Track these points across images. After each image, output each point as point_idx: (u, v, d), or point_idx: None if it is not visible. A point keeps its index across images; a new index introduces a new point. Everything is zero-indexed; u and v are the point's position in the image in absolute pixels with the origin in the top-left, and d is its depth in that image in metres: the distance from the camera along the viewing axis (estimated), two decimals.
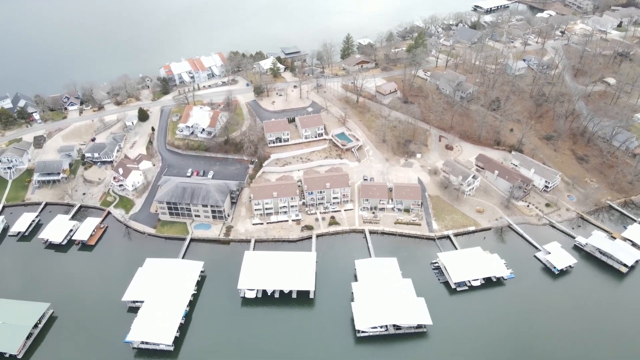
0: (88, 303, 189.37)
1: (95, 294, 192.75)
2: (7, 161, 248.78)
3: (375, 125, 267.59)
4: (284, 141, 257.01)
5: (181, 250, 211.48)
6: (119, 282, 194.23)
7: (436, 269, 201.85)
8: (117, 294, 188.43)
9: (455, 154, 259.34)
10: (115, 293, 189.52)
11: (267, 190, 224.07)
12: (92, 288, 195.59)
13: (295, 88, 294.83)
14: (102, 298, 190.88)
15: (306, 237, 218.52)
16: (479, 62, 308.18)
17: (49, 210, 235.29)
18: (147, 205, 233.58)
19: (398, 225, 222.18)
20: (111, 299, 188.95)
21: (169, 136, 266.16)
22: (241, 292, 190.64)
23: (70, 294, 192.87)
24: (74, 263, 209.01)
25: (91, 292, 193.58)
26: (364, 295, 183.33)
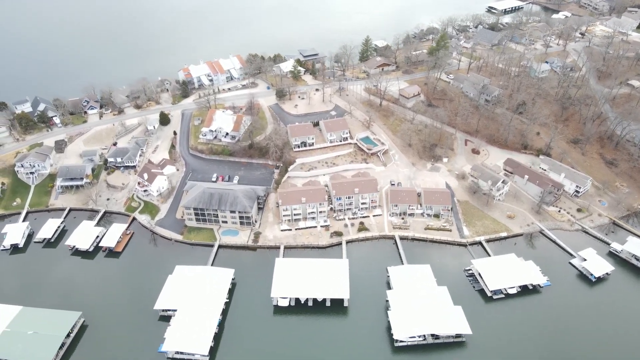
0: (119, 311, 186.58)
1: (126, 302, 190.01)
2: (30, 166, 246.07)
3: (400, 129, 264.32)
4: (309, 145, 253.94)
5: (210, 257, 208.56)
6: (148, 290, 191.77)
7: (470, 276, 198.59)
8: (148, 301, 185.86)
9: (482, 158, 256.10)
10: (146, 301, 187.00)
11: (296, 195, 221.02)
12: (122, 296, 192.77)
13: (317, 91, 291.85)
14: (132, 306, 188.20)
15: (336, 243, 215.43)
16: (502, 64, 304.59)
17: (74, 216, 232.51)
18: (172, 211, 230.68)
19: (428, 231, 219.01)
20: (142, 307, 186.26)
21: (191, 140, 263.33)
22: (274, 300, 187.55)
23: (101, 302, 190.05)
24: (102, 270, 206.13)
25: (121, 300, 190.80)
26: (400, 304, 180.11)
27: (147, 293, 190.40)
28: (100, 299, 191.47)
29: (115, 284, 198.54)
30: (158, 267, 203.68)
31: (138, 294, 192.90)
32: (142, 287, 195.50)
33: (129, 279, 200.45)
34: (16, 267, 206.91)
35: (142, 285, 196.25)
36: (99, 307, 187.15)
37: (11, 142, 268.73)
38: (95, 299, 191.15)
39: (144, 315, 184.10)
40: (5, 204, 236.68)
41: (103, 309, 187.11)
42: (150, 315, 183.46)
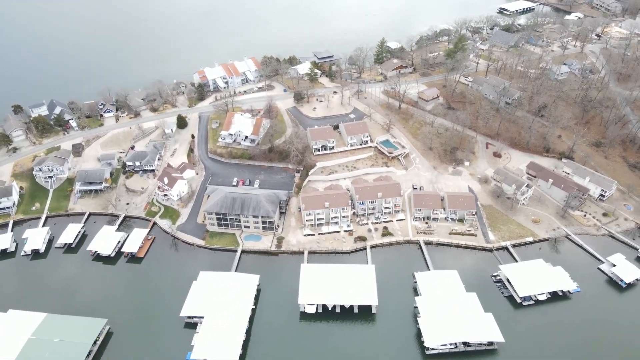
0: (144, 318, 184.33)
1: (150, 308, 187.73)
2: (48, 170, 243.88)
3: (420, 132, 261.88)
4: (329, 149, 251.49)
5: (233, 262, 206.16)
6: (173, 296, 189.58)
7: (498, 282, 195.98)
8: (173, 308, 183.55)
9: (503, 162, 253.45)
10: (171, 307, 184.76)
11: (319, 200, 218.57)
12: (146, 302, 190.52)
13: (335, 94, 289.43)
14: (157, 312, 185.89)
15: (360, 248, 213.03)
16: (520, 67, 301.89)
17: (93, 221, 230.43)
18: (193, 216, 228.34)
19: (453, 235, 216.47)
20: (167, 314, 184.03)
21: (210, 144, 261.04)
22: (300, 306, 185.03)
23: (125, 308, 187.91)
24: (125, 276, 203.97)
25: (146, 307, 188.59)
26: (430, 311, 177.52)
27: (172, 299, 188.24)
28: (125, 305, 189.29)
29: (138, 290, 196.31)
30: (181, 273, 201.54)
31: (162, 300, 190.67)
32: (166, 293, 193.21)
33: (152, 285, 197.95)
34: (38, 272, 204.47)
35: (166, 292, 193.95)
36: (123, 314, 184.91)
37: (28, 145, 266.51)
38: (119, 305, 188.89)
39: (170, 322, 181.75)
40: (24, 208, 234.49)
41: (128, 315, 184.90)
42: (175, 322, 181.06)
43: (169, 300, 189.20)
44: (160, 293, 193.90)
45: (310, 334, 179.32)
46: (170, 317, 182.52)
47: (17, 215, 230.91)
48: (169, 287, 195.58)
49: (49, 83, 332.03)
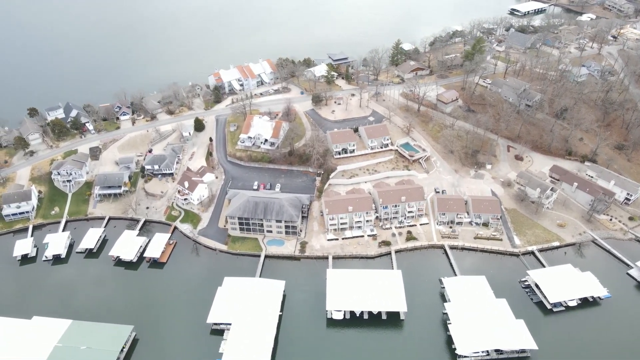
0: (169, 324, 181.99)
1: (175, 315, 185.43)
2: (67, 174, 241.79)
3: (440, 135, 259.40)
4: (349, 152, 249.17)
5: (257, 268, 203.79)
6: (198, 302, 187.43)
7: (526, 287, 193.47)
8: (199, 314, 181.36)
9: (525, 165, 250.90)
10: (196, 313, 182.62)
11: (342, 204, 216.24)
12: (171, 308, 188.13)
13: (352, 96, 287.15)
14: (183, 319, 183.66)
15: (384, 253, 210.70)
16: (539, 68, 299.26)
17: (114, 225, 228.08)
18: (214, 220, 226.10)
19: (478, 240, 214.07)
20: (193, 320, 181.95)
21: (228, 147, 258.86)
22: (328, 313, 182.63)
23: (150, 314, 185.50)
24: (148, 281, 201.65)
25: (171, 313, 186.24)
26: (460, 317, 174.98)
27: (197, 305, 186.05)
28: (150, 311, 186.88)
29: (162, 295, 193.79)
30: (205, 278, 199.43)
31: (187, 306, 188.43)
32: (190, 299, 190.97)
33: (176, 291, 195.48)
34: (60, 278, 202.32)
35: (191, 297, 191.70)
36: (149, 320, 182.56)
37: (45, 149, 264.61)
38: (144, 311, 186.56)
39: (196, 329, 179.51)
40: (43, 212, 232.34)
41: (153, 322, 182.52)
42: (202, 329, 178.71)
43: (194, 306, 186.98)
44: (185, 299, 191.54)
45: (339, 341, 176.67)
46: (196, 324, 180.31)
47: (36, 219, 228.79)
48: (193, 293, 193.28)
49: (63, 85, 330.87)
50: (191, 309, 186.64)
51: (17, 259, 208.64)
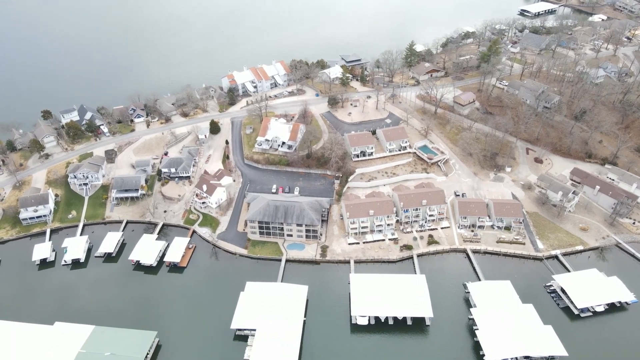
0: (192, 330, 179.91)
1: (198, 320, 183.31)
2: (83, 177, 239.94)
3: (459, 138, 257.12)
4: (368, 155, 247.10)
5: (278, 272, 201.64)
6: (220, 307, 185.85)
7: (552, 292, 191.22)
8: (222, 319, 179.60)
9: (545, 168, 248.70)
10: (219, 319, 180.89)
11: (363, 207, 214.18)
12: (193, 313, 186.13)
13: (368, 98, 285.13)
14: (206, 324, 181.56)
15: (406, 257, 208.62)
16: (555, 70, 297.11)
17: (131, 229, 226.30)
18: (233, 224, 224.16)
19: (501, 244, 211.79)
20: (216, 325, 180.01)
21: (245, 150, 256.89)
22: (353, 318, 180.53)
23: (172, 320, 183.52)
24: (168, 286, 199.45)
25: (193, 318, 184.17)
26: (488, 323, 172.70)
27: (219, 310, 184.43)
28: (172, 316, 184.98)
29: (184, 300, 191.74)
30: (226, 283, 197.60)
31: (209, 311, 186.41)
32: (212, 304, 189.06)
33: (197, 296, 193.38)
34: (79, 283, 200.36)
35: (213, 302, 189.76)
36: (171, 326, 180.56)
37: (59, 152, 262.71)
38: (166, 316, 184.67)
39: (219, 335, 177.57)
40: (60, 216, 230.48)
41: (176, 327, 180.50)
42: (225, 334, 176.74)
43: (216, 311, 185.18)
44: (207, 304, 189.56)
45: (364, 347, 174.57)
46: (219, 329, 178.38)
47: (54, 223, 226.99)
48: (215, 298, 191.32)
49: (76, 88, 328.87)
50: (213, 314, 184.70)
51: (35, 264, 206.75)
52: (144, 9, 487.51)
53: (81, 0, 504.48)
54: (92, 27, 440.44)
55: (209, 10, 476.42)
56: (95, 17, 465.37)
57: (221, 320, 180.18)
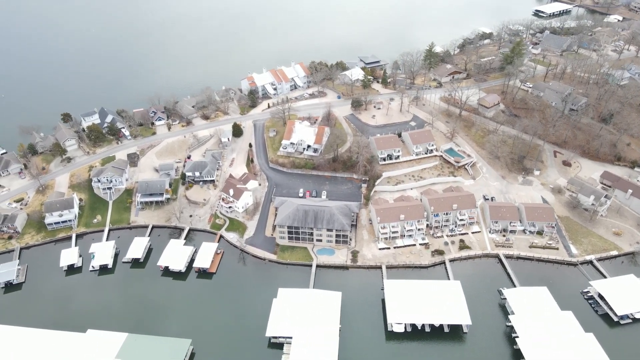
0: (226, 337, 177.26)
1: (231, 327, 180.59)
2: (107, 181, 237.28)
3: (486, 141, 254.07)
4: (394, 158, 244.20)
5: (309, 278, 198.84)
6: (252, 314, 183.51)
7: (589, 298, 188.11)
8: (255, 327, 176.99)
9: (574, 171, 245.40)
10: (253, 326, 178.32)
11: (394, 212, 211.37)
12: (225, 320, 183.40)
13: (391, 101, 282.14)
14: (239, 331, 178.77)
15: (438, 262, 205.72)
16: (579, 71, 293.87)
17: (158, 234, 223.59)
18: (260, 228, 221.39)
19: (534, 249, 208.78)
20: (250, 333, 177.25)
21: (270, 153, 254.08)
22: (389, 325, 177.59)
23: (204, 326, 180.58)
24: (199, 292, 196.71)
25: (226, 325, 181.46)
26: (528, 331, 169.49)
27: (252, 317, 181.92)
28: (204, 323, 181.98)
29: (215, 307, 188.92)
30: (257, 289, 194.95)
31: (242, 318, 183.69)
32: (244, 311, 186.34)
33: (229, 302, 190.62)
34: (108, 289, 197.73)
35: (245, 309, 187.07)
36: (204, 333, 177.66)
37: (81, 155, 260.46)
38: (198, 323, 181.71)
39: (253, 342, 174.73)
40: (85, 221, 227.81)
41: (209, 334, 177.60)
42: (260, 342, 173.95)
43: (248, 318, 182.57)
44: (239, 311, 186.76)
45: (401, 355, 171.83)
46: (253, 337, 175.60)
47: (79, 228, 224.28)
48: (247, 304, 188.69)
49: (93, 90, 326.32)
50: (246, 321, 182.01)
51: (63, 269, 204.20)
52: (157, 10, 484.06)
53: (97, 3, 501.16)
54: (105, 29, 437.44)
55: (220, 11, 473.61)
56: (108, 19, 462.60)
57: (255, 327, 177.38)
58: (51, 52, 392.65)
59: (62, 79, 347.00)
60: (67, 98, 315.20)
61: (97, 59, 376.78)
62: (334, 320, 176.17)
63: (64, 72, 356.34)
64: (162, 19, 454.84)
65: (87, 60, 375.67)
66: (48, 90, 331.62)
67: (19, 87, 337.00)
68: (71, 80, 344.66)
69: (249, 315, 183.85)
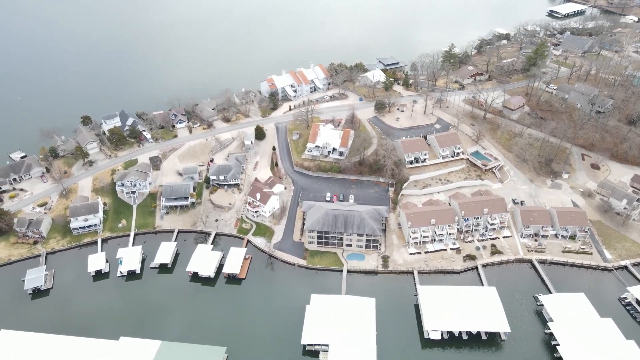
0: (259, 344, 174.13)
1: (264, 334, 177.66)
2: (131, 185, 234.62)
3: (513, 143, 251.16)
4: (421, 161, 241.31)
5: (341, 284, 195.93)
6: (285, 320, 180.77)
7: (628, 305, 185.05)
8: (290, 334, 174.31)
9: (603, 174, 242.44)
10: (287, 333, 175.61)
11: (425, 216, 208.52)
12: (258, 327, 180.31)
13: (414, 103, 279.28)
14: (273, 339, 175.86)
15: (470, 267, 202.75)
16: (603, 73, 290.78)
17: (184, 239, 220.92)
18: (288, 233, 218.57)
19: (567, 254, 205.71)
20: (284, 340, 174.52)
21: (294, 156, 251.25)
22: (425, 332, 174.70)
23: (237, 333, 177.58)
24: (229, 298, 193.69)
25: (259, 332, 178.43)
26: (569, 338, 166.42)
27: (285, 324, 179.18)
28: (237, 330, 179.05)
29: (247, 313, 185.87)
30: (289, 295, 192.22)
31: (275, 325, 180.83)
32: (277, 318, 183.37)
33: (261, 308, 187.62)
34: (137, 295, 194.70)
35: (277, 316, 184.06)
36: (237, 340, 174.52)
37: (103, 158, 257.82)
38: (231, 330, 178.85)
39: (288, 349, 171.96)
40: (110, 225, 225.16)
41: (242, 342, 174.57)
42: (294, 349, 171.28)
43: (282, 325, 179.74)
44: (272, 317, 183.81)
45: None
46: (288, 344, 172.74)
47: (104, 232, 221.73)
48: (280, 311, 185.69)
49: (112, 92, 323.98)
50: (280, 327, 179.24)
51: (90, 275, 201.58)
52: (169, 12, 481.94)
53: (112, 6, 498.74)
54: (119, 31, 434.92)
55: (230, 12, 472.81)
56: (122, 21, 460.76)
57: (289, 334, 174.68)
58: (67, 55, 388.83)
59: (79, 81, 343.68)
60: (85, 100, 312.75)
61: (114, 61, 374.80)
62: (369, 327, 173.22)
63: (80, 75, 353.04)
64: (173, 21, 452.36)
65: (104, 62, 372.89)
66: (66, 92, 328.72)
67: (36, 90, 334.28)
68: (88, 82, 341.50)
69: (282, 322, 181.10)
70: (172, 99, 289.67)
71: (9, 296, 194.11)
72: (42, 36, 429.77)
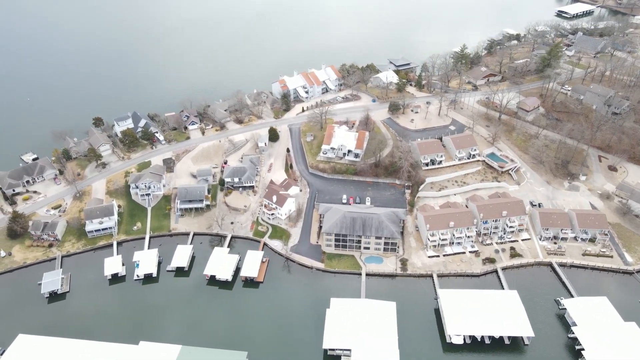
0: (280, 349, 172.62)
1: (285, 338, 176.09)
2: (145, 187, 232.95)
3: (529, 145, 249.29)
4: (437, 163, 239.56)
5: (360, 287, 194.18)
6: (306, 324, 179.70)
7: None
8: (310, 338, 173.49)
9: (620, 176, 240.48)
10: (307, 337, 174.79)
11: (443, 219, 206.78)
12: (278, 331, 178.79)
13: (428, 104, 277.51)
14: (294, 343, 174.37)
15: (490, 270, 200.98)
16: (617, 74, 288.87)
17: (200, 242, 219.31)
18: (305, 236, 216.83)
19: (587, 257, 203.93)
20: (305, 345, 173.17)
21: (309, 158, 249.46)
22: (447, 337, 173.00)
23: (257, 338, 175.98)
24: (247, 302, 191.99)
25: (279, 336, 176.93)
26: (593, 343, 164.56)
27: (305, 328, 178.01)
28: (257, 334, 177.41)
29: (267, 317, 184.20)
30: (308, 299, 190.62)
31: (295, 329, 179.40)
32: (297, 322, 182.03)
33: (280, 312, 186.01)
34: (155, 298, 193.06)
35: (297, 319, 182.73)
36: (258, 345, 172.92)
37: (116, 160, 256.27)
38: (251, 334, 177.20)
39: (309, 354, 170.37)
40: (125, 228, 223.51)
41: (263, 346, 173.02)
42: (315, 354, 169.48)
43: (302, 329, 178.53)
44: (291, 321, 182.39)
45: None
46: (309, 348, 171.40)
47: (119, 235, 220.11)
48: (299, 315, 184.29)
49: (123, 94, 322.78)
50: (300, 332, 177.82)
51: (107, 278, 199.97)
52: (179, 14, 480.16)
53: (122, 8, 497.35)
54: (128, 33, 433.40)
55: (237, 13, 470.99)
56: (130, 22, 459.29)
57: (309, 338, 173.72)
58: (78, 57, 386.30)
59: (90, 83, 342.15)
60: (96, 102, 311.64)
61: (125, 63, 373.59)
62: (391, 331, 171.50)
63: (91, 76, 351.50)
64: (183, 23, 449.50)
65: (115, 64, 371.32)
66: (77, 94, 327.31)
67: (47, 92, 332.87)
68: (99, 84, 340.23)
69: (302, 326, 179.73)
70: (183, 100, 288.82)
71: (26, 300, 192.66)
72: (55, 38, 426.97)
